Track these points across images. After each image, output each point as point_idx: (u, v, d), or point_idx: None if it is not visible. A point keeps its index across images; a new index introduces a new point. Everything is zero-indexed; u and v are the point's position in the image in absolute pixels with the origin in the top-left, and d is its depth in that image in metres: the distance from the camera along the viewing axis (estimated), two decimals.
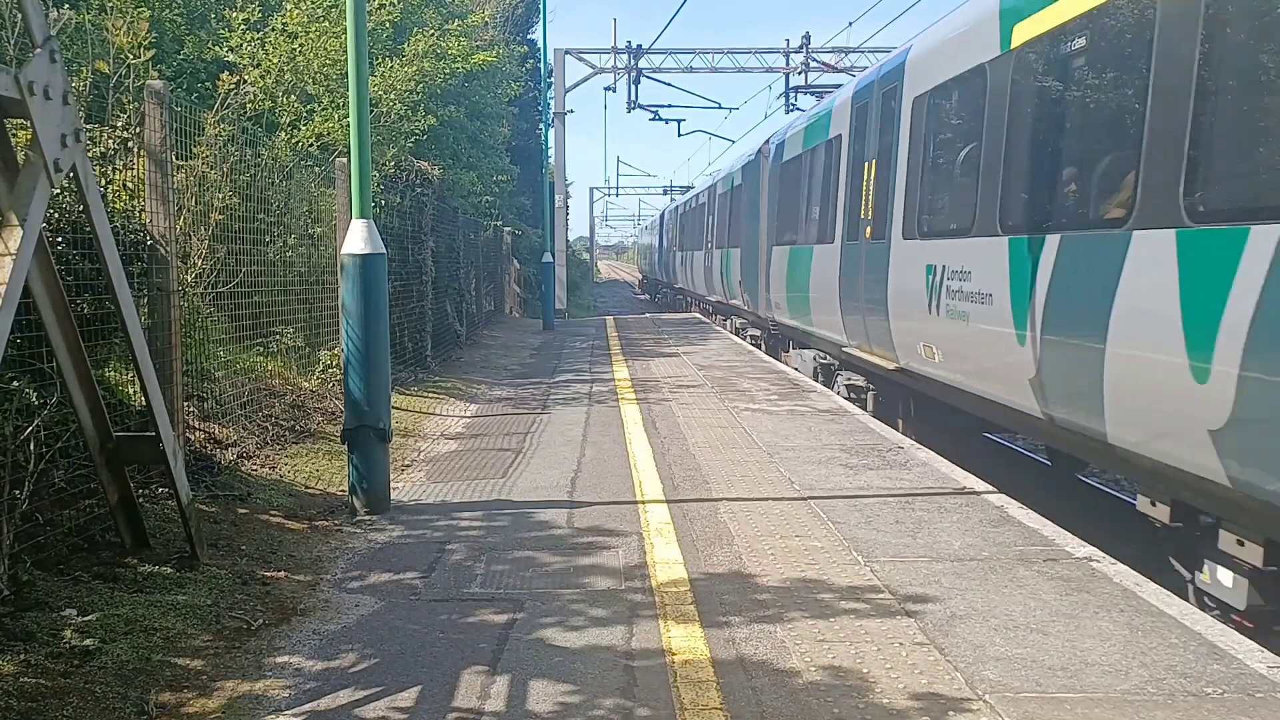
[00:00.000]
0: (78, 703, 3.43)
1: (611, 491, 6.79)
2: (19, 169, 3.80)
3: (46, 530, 4.48)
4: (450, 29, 14.12)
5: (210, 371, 7.05)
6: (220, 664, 3.93)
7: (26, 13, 3.70)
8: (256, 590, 4.74)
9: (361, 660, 4.02)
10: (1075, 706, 3.56)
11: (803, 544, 5.52)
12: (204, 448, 6.52)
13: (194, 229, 6.90)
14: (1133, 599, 4.63)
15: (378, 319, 6.17)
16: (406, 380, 11.34)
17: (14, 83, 3.60)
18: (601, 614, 4.51)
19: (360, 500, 6.20)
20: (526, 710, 3.58)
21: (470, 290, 18.21)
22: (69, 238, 4.95)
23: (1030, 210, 6.87)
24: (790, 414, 9.84)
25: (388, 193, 11.35)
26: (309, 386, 8.88)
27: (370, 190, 6.19)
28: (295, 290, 8.90)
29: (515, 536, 5.76)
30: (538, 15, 27.46)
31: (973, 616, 4.43)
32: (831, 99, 13.19)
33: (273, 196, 8.72)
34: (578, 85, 28.90)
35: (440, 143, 16.56)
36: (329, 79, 10.73)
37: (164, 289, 5.84)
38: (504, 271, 26.59)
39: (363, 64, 6.06)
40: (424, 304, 13.06)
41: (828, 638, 4.20)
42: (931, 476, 7.12)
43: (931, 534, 5.70)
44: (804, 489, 6.76)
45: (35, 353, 4.48)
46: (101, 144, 5.96)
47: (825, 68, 28.76)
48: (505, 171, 21.68)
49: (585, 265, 61.27)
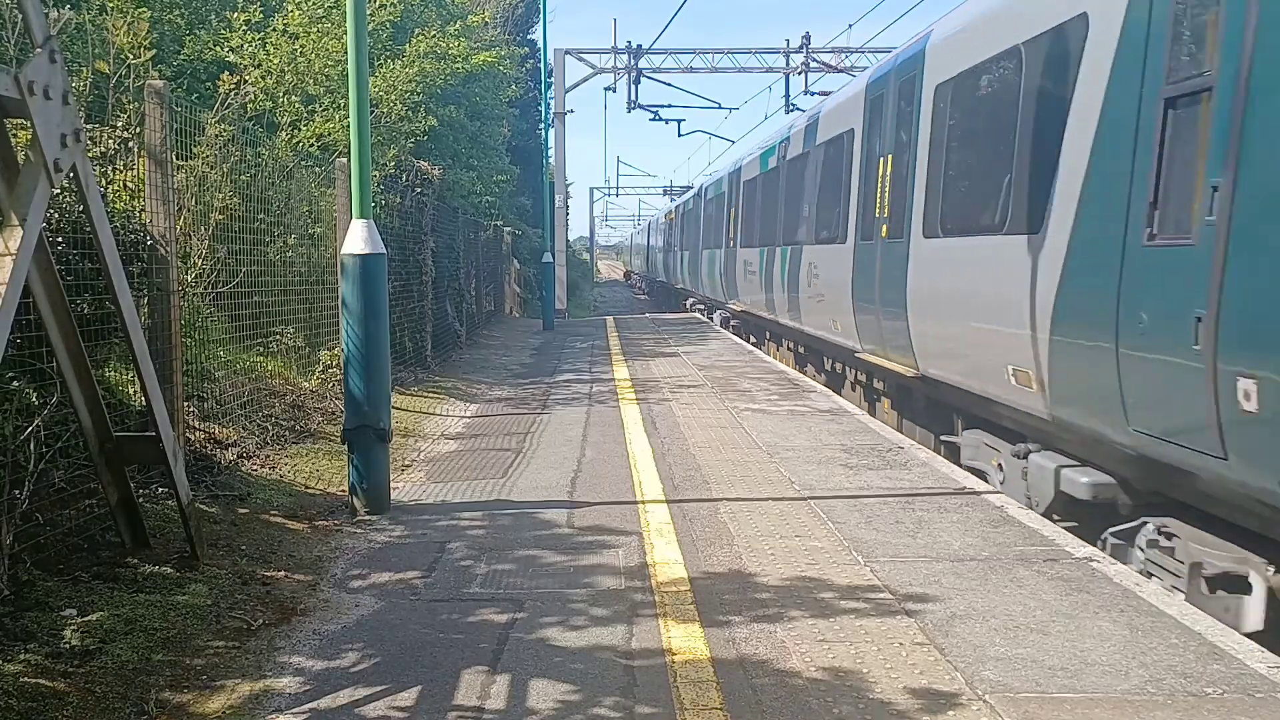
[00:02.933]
0: (78, 703, 3.43)
1: (612, 491, 6.79)
2: (19, 169, 3.80)
3: (46, 530, 4.48)
4: (450, 29, 14.13)
5: (210, 371, 7.06)
6: (220, 664, 3.93)
7: (26, 13, 3.71)
8: (257, 590, 4.74)
9: (362, 660, 4.02)
10: (1075, 706, 3.56)
11: (803, 544, 5.52)
12: (204, 448, 6.53)
13: (194, 229, 6.90)
14: (1133, 599, 4.63)
15: (378, 319, 6.17)
16: (406, 380, 11.35)
17: (14, 83, 3.60)
18: (602, 614, 4.51)
19: (360, 500, 6.20)
20: (527, 709, 3.58)
21: (470, 290, 18.22)
22: (69, 238, 4.95)
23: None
24: (790, 414, 9.84)
25: (388, 193, 11.36)
26: (309, 386, 8.89)
27: (370, 190, 6.19)
28: (295, 290, 8.90)
29: (515, 536, 5.76)
30: (538, 15, 27.51)
31: (973, 616, 4.43)
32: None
33: (273, 196, 8.72)
34: (578, 85, 28.88)
35: (440, 143, 16.56)
36: (330, 79, 10.73)
37: (164, 289, 5.84)
38: (504, 271, 26.60)
39: (363, 64, 6.06)
40: (424, 304, 13.06)
41: (828, 637, 4.20)
42: (931, 476, 7.12)
43: (931, 534, 5.70)
44: (804, 489, 6.76)
45: (35, 353, 4.48)
46: (102, 144, 5.97)
47: (825, 68, 28.75)
48: (505, 172, 21.69)
49: (585, 265, 61.32)
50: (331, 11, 10.91)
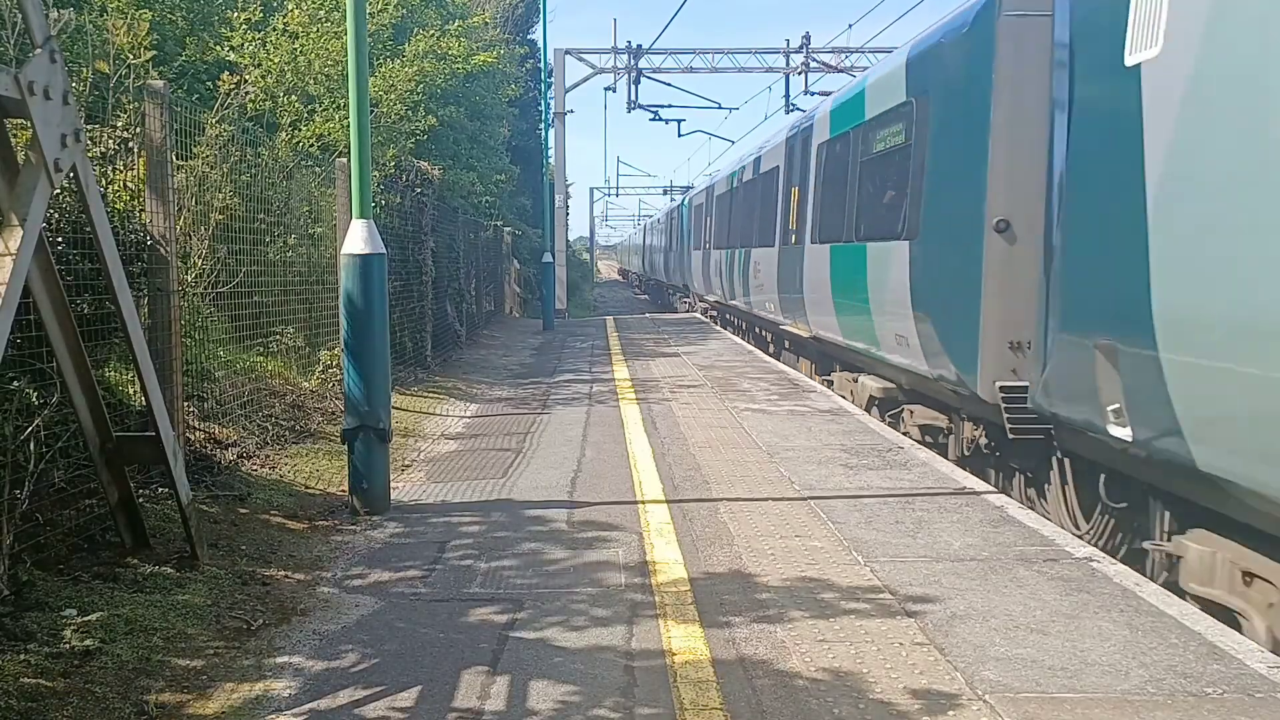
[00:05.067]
0: (78, 703, 3.43)
1: (612, 491, 6.79)
2: (19, 169, 3.80)
3: (46, 530, 4.48)
4: (451, 29, 14.12)
5: (210, 371, 7.05)
6: (220, 664, 3.93)
7: (26, 13, 3.71)
8: (256, 590, 4.74)
9: (362, 660, 4.02)
10: (1075, 706, 3.57)
11: (803, 544, 5.52)
12: (204, 448, 6.53)
13: (194, 229, 6.89)
14: (1133, 599, 4.63)
15: (378, 319, 6.17)
16: (406, 380, 11.35)
17: (14, 83, 3.60)
18: (602, 614, 4.51)
19: (360, 500, 6.20)
20: (527, 710, 3.58)
21: (470, 290, 18.23)
22: (69, 238, 4.95)
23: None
24: (790, 414, 9.84)
25: (388, 193, 11.35)
26: (309, 386, 8.88)
27: (370, 190, 6.19)
28: (295, 290, 8.90)
29: (515, 536, 5.76)
30: (538, 15, 27.46)
31: (973, 616, 4.43)
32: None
33: (273, 196, 8.72)
34: (578, 85, 28.88)
35: (440, 143, 16.56)
36: (330, 79, 10.72)
37: (164, 289, 5.84)
38: (504, 271, 26.60)
39: (363, 64, 6.06)
40: (424, 304, 13.06)
41: (828, 638, 4.21)
42: (931, 476, 7.13)
43: (931, 534, 5.70)
44: (804, 489, 6.76)
45: (35, 353, 4.48)
46: (102, 144, 5.96)
47: (825, 68, 28.76)
48: (505, 172, 21.69)
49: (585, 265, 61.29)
50: (332, 12, 10.92)
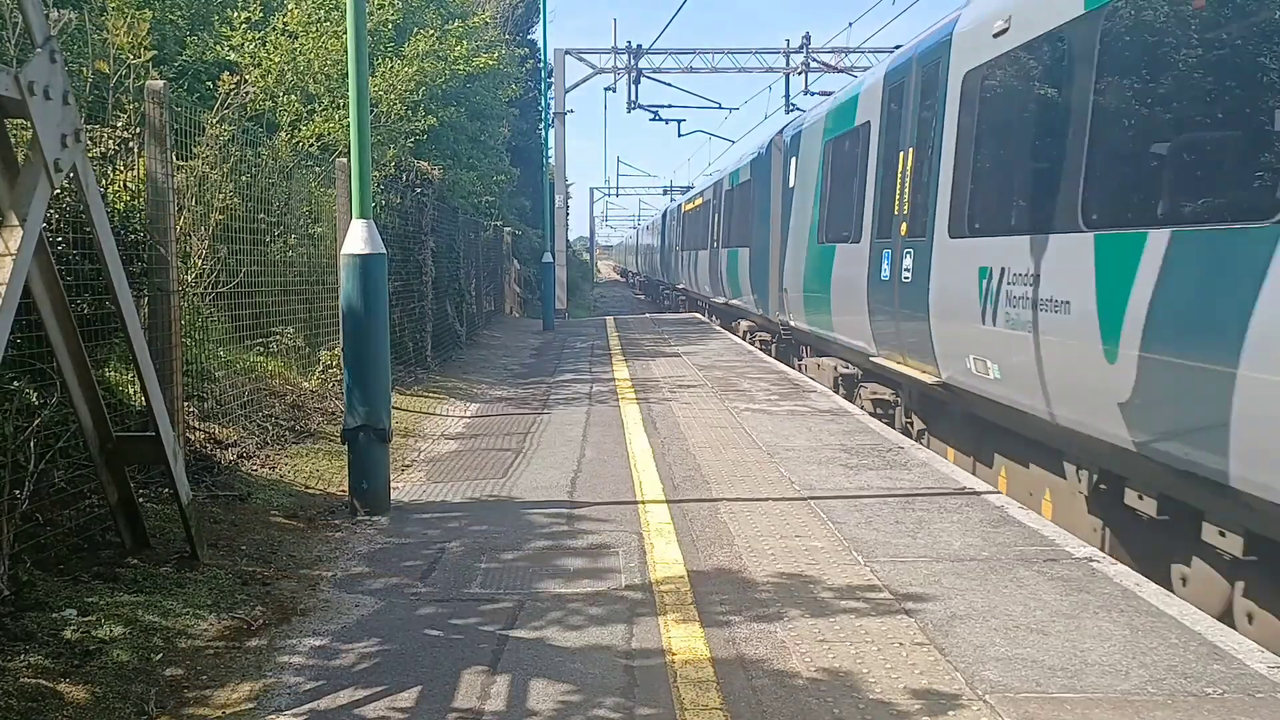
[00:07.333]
0: (78, 703, 3.44)
1: (612, 491, 6.79)
2: (19, 169, 3.80)
3: (46, 530, 4.48)
4: (451, 29, 14.12)
5: (210, 371, 7.06)
6: (220, 664, 3.93)
7: (26, 13, 3.71)
8: (256, 590, 4.74)
9: (362, 660, 4.02)
10: (1075, 706, 3.56)
11: (803, 544, 5.52)
12: (204, 448, 6.53)
13: (194, 229, 6.89)
14: (1133, 599, 4.63)
15: (378, 319, 6.17)
16: (406, 380, 11.35)
17: (14, 83, 3.60)
18: (601, 614, 4.51)
19: (360, 500, 6.20)
20: (527, 710, 3.58)
21: (470, 290, 18.22)
22: (69, 238, 4.95)
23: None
24: (790, 414, 9.84)
25: (388, 193, 11.35)
26: (309, 386, 8.89)
27: (370, 190, 6.19)
28: (295, 290, 8.90)
29: (515, 536, 5.76)
30: (538, 15, 27.46)
31: (973, 616, 4.43)
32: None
33: (273, 196, 8.72)
34: (578, 85, 28.86)
35: (440, 143, 16.56)
36: (330, 79, 10.73)
37: (164, 289, 5.84)
38: (504, 272, 26.60)
39: (363, 64, 6.06)
40: (424, 304, 13.06)
41: (828, 637, 4.20)
42: (931, 476, 7.13)
43: (931, 534, 5.70)
44: (804, 489, 6.76)
45: (35, 353, 4.48)
46: (102, 144, 5.96)
47: (825, 68, 28.74)
48: (505, 172, 21.69)
49: (585, 265, 61.29)
50: (331, 12, 10.92)
